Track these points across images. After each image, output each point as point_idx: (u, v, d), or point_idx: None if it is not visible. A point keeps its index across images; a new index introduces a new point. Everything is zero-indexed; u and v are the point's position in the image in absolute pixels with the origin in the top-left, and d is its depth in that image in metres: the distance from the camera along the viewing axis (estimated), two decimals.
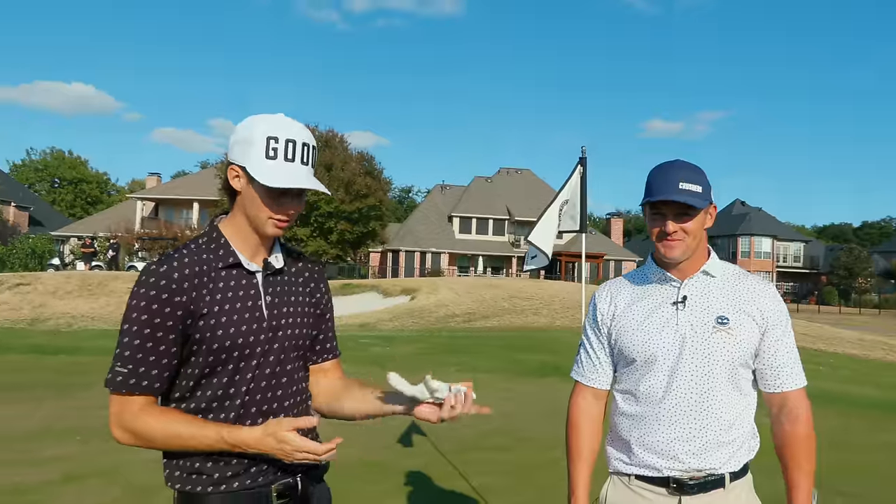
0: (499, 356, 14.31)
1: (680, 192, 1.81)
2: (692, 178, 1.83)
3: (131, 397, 1.54)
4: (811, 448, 1.87)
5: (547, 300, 24.65)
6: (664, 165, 1.89)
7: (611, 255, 54.74)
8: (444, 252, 53.46)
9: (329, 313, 1.87)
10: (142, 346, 1.53)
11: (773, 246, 64.31)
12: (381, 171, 45.47)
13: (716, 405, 1.84)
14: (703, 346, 1.84)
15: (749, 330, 1.85)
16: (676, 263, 1.90)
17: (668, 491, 1.86)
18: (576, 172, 4.51)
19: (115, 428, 1.57)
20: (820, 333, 20.45)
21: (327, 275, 1.93)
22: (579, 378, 2.09)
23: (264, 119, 1.62)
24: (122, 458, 5.77)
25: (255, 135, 1.60)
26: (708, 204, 1.86)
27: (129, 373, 1.53)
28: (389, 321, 21.45)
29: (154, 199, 53.60)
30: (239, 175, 1.63)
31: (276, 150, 1.58)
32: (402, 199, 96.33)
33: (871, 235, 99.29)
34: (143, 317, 1.53)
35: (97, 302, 21.25)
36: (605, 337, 2.02)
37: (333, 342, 1.89)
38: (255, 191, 1.61)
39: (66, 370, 11.03)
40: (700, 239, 1.88)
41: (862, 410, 9.74)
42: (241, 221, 1.66)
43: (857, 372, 14.47)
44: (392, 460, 5.93)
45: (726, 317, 1.85)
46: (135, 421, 1.54)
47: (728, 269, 1.96)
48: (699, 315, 1.87)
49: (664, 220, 1.84)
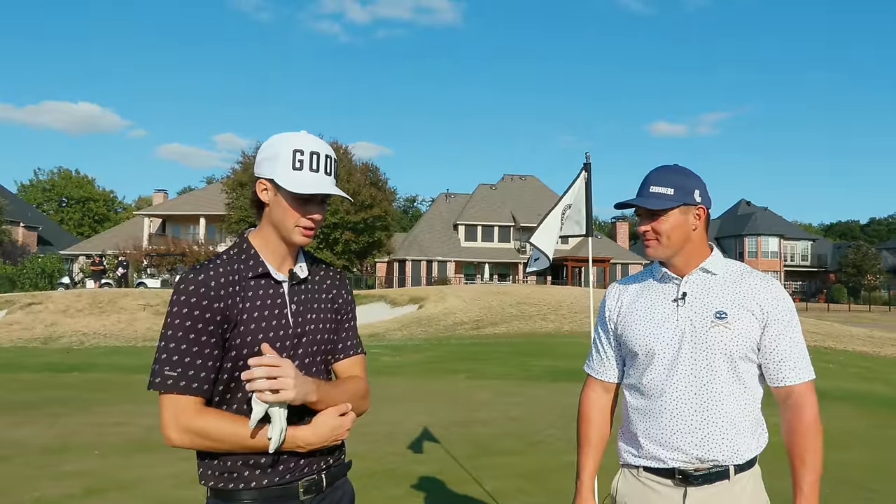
0: (508, 362, 14.36)
1: (646, 197, 1.97)
2: (664, 181, 1.96)
3: (187, 398, 1.61)
4: (816, 442, 1.89)
5: (554, 305, 24.69)
6: (651, 172, 2.03)
7: (617, 259, 54.68)
8: (450, 260, 53.52)
9: (349, 314, 1.97)
10: (188, 349, 1.61)
11: (780, 245, 64.08)
12: (385, 181, 45.66)
13: (716, 398, 1.91)
14: (701, 341, 1.92)
15: (748, 324, 1.91)
16: (671, 261, 2.01)
17: (674, 482, 1.93)
18: (580, 177, 4.59)
19: (171, 430, 1.61)
20: (829, 331, 20.41)
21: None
22: (590, 371, 2.22)
23: (290, 136, 1.75)
24: (142, 472, 5.87)
25: (281, 150, 1.73)
26: (679, 205, 1.94)
27: (179, 375, 1.60)
28: (398, 330, 21.52)
29: (161, 216, 53.89)
30: (267, 188, 1.75)
31: (301, 161, 1.72)
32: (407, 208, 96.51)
33: (879, 232, 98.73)
34: (187, 322, 1.61)
35: (108, 319, 21.42)
36: (612, 332, 2.13)
37: (352, 341, 1.97)
38: (283, 200, 1.73)
39: (81, 387, 11.16)
40: (682, 239, 1.97)
41: (872, 408, 9.74)
42: (269, 233, 1.78)
43: (868, 369, 14.44)
44: (405, 466, 5.99)
45: (724, 311, 1.92)
46: (195, 420, 1.60)
47: (731, 267, 2.03)
48: (698, 310, 1.95)
49: (640, 221, 2.02)
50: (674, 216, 1.96)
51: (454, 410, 8.90)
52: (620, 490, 2.06)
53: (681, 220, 1.96)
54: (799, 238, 68.50)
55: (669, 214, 1.95)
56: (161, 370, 1.61)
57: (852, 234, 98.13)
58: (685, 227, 1.96)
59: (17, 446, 6.81)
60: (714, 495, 1.90)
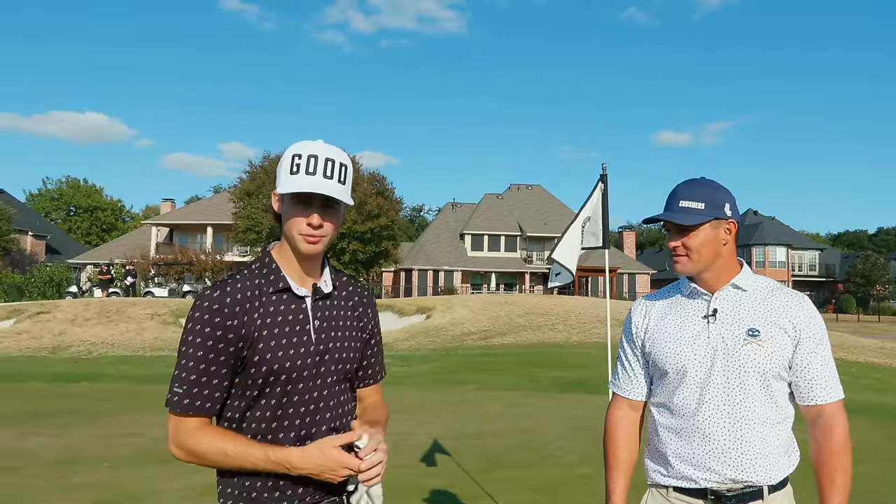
0: (517, 373, 14.30)
1: (676, 211, 1.93)
2: (694, 196, 1.93)
3: (187, 417, 1.63)
4: (846, 462, 1.86)
5: (563, 316, 24.60)
6: (679, 184, 2.00)
7: (624, 269, 54.52)
8: (457, 270, 53.47)
9: (376, 338, 1.94)
10: (196, 367, 1.62)
11: (787, 255, 63.79)
12: (392, 190, 45.72)
13: (750, 417, 1.87)
14: (734, 359, 1.88)
15: (781, 342, 1.88)
16: (701, 277, 1.97)
17: (706, 503, 1.90)
18: (597, 189, 4.57)
19: (172, 445, 1.65)
20: (840, 342, 20.25)
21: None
22: (616, 389, 2.16)
23: (296, 143, 1.74)
24: (152, 484, 5.84)
25: (284, 158, 1.72)
26: (710, 219, 1.91)
27: (184, 393, 1.62)
28: (406, 340, 21.48)
29: (168, 225, 54.09)
30: (279, 200, 1.74)
31: (298, 165, 1.68)
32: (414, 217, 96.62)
33: (888, 242, 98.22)
34: (198, 340, 1.61)
35: (116, 328, 21.45)
36: (639, 349, 2.08)
37: (377, 367, 1.94)
38: (286, 208, 1.71)
39: (89, 397, 11.16)
40: (712, 254, 1.93)
41: (885, 420, 9.64)
42: (286, 246, 1.76)
43: (880, 381, 14.32)
44: (416, 480, 5.94)
45: (757, 329, 1.88)
46: (189, 439, 1.63)
47: (760, 283, 2.00)
48: (730, 327, 1.91)
49: (670, 236, 1.97)
50: (704, 231, 1.92)
51: (464, 422, 8.84)
52: None
53: (712, 235, 1.93)
54: (807, 248, 68.21)
55: (700, 229, 1.92)
56: (172, 387, 1.64)
57: (860, 243, 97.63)
58: (716, 242, 1.93)
59: (26, 457, 6.79)
60: None
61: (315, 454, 1.58)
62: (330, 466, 1.57)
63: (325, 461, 1.57)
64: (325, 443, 1.60)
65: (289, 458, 1.58)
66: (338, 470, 1.58)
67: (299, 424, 1.68)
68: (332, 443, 1.59)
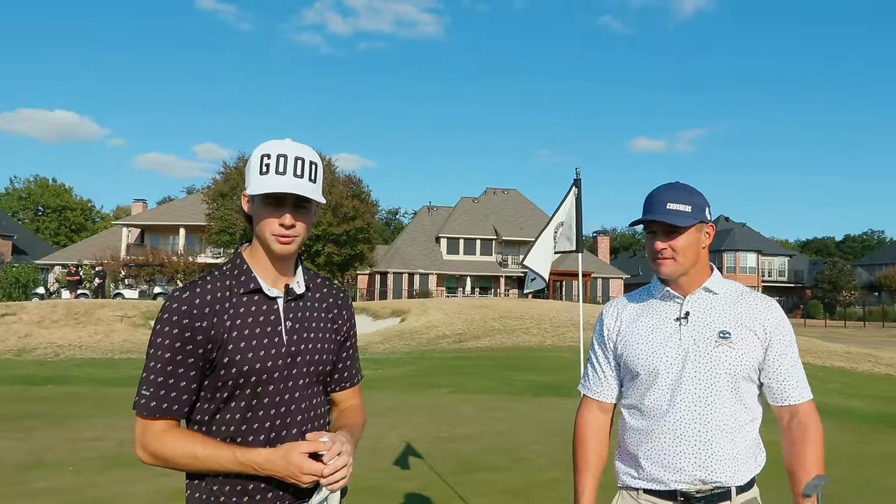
0: (491, 376, 14.32)
1: (665, 213, 1.92)
2: (680, 199, 1.94)
3: (154, 420, 1.61)
4: (819, 455, 1.89)
5: (537, 319, 24.70)
6: (658, 188, 2.01)
7: (598, 273, 54.96)
8: (433, 273, 53.46)
9: (351, 340, 1.91)
10: (164, 370, 1.59)
11: (758, 261, 64.86)
12: (368, 193, 45.58)
13: (719, 418, 1.89)
14: (705, 360, 1.90)
15: (751, 344, 1.91)
16: (676, 280, 1.98)
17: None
18: (570, 194, 4.59)
19: (138, 449, 1.63)
20: (808, 347, 20.62)
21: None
22: (586, 391, 2.16)
23: (265, 143, 1.71)
24: (118, 489, 5.73)
25: (253, 158, 1.70)
26: (697, 222, 1.95)
27: (151, 396, 1.59)
28: (380, 343, 21.40)
29: (140, 226, 53.31)
30: (249, 201, 1.72)
31: (268, 165, 1.65)
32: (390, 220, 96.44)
33: (854, 248, 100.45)
34: (167, 342, 1.59)
35: (84, 331, 21.04)
36: (610, 352, 2.09)
37: (353, 370, 1.92)
38: (255, 207, 1.69)
39: (55, 400, 10.92)
40: (695, 257, 1.96)
41: (852, 423, 9.83)
42: (258, 247, 1.73)
43: (846, 385, 14.60)
44: (389, 483, 5.91)
45: (728, 331, 1.91)
46: (155, 443, 1.60)
47: (731, 287, 2.03)
48: (701, 330, 1.93)
49: (654, 238, 1.96)
50: (690, 234, 1.95)
51: (438, 425, 8.82)
52: None
53: (695, 238, 1.96)
54: (776, 254, 69.46)
55: (687, 232, 1.94)
56: (140, 391, 1.62)
57: (828, 250, 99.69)
58: (698, 245, 1.96)
59: None
60: None
61: (279, 459, 1.56)
62: (292, 472, 1.56)
63: (288, 466, 1.56)
64: (291, 448, 1.58)
65: (255, 460, 1.57)
66: (300, 476, 1.56)
67: (269, 427, 1.66)
68: (298, 448, 1.57)
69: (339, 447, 1.59)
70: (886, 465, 7.09)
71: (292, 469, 1.55)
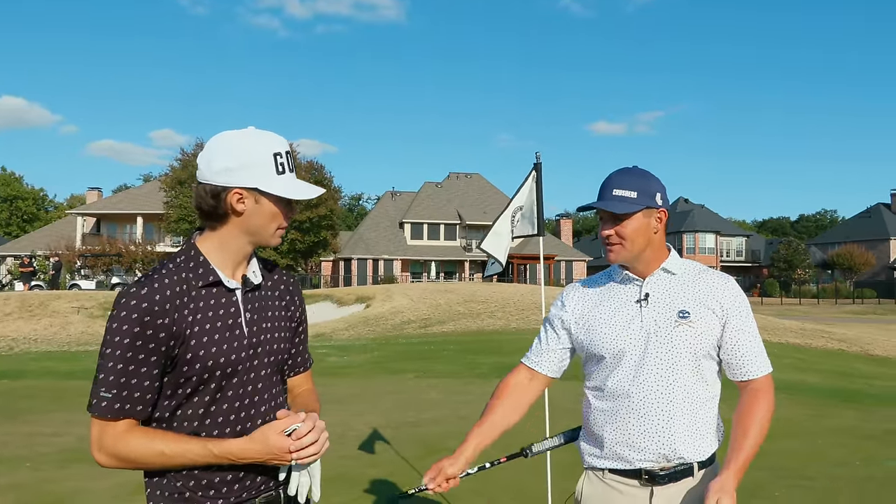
0: (456, 360, 14.38)
1: (610, 199, 1.95)
2: (628, 185, 1.95)
3: (115, 421, 1.54)
4: (764, 421, 1.90)
5: (501, 303, 24.85)
6: (612, 174, 2.02)
7: (561, 256, 55.53)
8: (397, 258, 53.36)
9: (303, 325, 1.90)
10: (125, 369, 1.52)
11: (716, 241, 66.30)
12: (330, 179, 45.15)
13: (681, 396, 1.92)
14: (666, 340, 1.93)
15: (710, 322, 1.94)
16: (630, 265, 2.00)
17: (641, 482, 1.94)
18: (530, 178, 4.60)
19: (96, 452, 1.56)
20: (765, 324, 21.18)
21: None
22: (523, 360, 2.18)
23: (254, 137, 1.64)
24: (77, 484, 5.61)
25: (260, 156, 1.62)
26: (642, 208, 1.94)
27: (113, 397, 1.52)
28: (345, 330, 21.31)
29: (95, 215, 52.00)
30: (244, 197, 1.62)
31: (283, 164, 1.65)
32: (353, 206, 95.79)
33: (808, 228, 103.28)
34: (126, 340, 1.52)
35: (39, 323, 20.48)
36: (564, 332, 2.10)
37: (305, 354, 1.91)
38: (269, 206, 1.64)
39: (9, 395, 10.62)
40: (644, 242, 1.97)
41: (807, 397, 10.15)
42: (231, 239, 1.66)
43: (801, 360, 15.05)
44: (356, 470, 5.91)
45: (687, 311, 1.94)
46: (117, 444, 1.54)
47: (688, 266, 2.05)
48: (662, 310, 1.96)
49: (603, 225, 1.99)
50: (637, 219, 1.95)
51: (403, 410, 8.84)
52: (585, 493, 2.05)
53: (643, 224, 1.96)
54: (734, 234, 71.05)
55: (633, 218, 1.95)
56: (97, 391, 1.53)
57: (783, 230, 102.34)
58: (647, 230, 1.97)
59: None
60: (679, 493, 1.92)
61: (257, 443, 1.55)
62: (273, 453, 1.55)
63: (269, 448, 1.54)
64: (267, 429, 1.56)
65: (231, 450, 1.55)
66: (282, 455, 1.56)
67: (234, 420, 1.63)
68: (274, 429, 1.56)
69: (311, 422, 1.59)
70: (839, 437, 7.35)
71: (273, 451, 1.54)
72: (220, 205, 1.62)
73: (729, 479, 1.77)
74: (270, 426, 1.57)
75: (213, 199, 1.62)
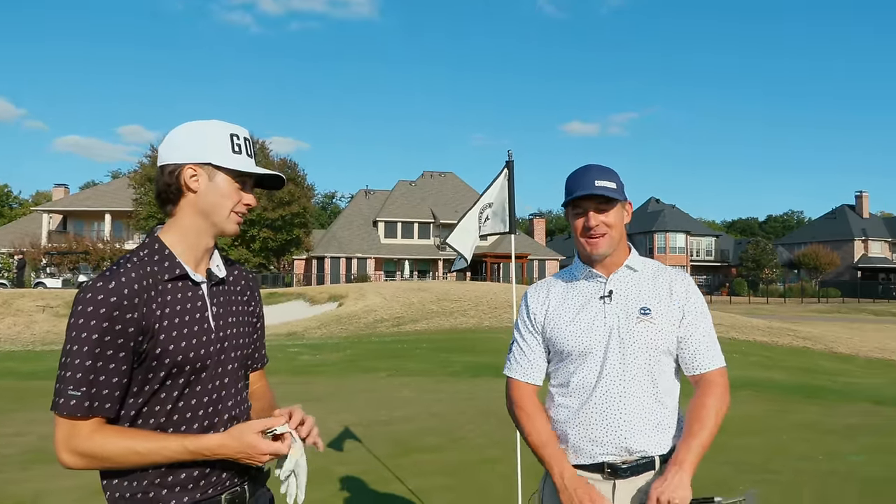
0: (429, 359, 14.38)
1: (597, 188, 1.96)
2: (606, 177, 1.99)
3: (83, 421, 1.49)
4: (716, 415, 1.90)
5: (474, 301, 24.92)
6: (579, 169, 2.04)
7: (535, 255, 55.81)
8: (370, 257, 53.16)
9: (261, 321, 1.89)
10: (93, 365, 1.47)
11: (686, 241, 67.19)
12: (303, 177, 44.85)
13: (642, 391, 1.95)
14: (629, 337, 1.96)
15: (669, 319, 1.98)
16: (602, 259, 2.02)
17: (604, 476, 1.96)
18: (501, 175, 4.62)
19: (63, 452, 1.50)
20: (733, 323, 21.54)
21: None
22: (515, 375, 2.12)
23: (213, 122, 1.66)
24: (41, 485, 5.50)
25: (214, 134, 1.64)
26: (624, 200, 2.01)
27: (82, 396, 1.47)
28: (317, 329, 21.19)
29: (62, 212, 50.94)
30: (198, 174, 1.62)
31: (239, 146, 1.65)
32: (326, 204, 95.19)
33: (776, 228, 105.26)
34: (94, 336, 1.47)
35: (2, 322, 20.03)
36: (538, 334, 2.10)
37: (263, 350, 1.90)
38: (221, 184, 1.63)
39: None
40: (622, 233, 2.02)
41: (771, 393, 10.34)
42: (188, 227, 1.64)
43: (768, 358, 15.34)
44: (327, 467, 5.87)
45: (648, 307, 1.98)
46: (87, 444, 1.49)
47: (648, 264, 2.10)
48: (624, 307, 1.99)
49: (586, 215, 1.98)
50: (617, 210, 2.00)
51: (376, 409, 8.82)
52: (548, 488, 2.06)
53: (621, 216, 2.02)
54: (704, 234, 72.02)
55: (616, 208, 1.99)
56: (64, 390, 1.47)
57: (751, 230, 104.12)
58: (623, 221, 2.03)
59: None
60: (642, 486, 1.94)
61: (234, 440, 1.54)
62: (247, 452, 1.54)
63: (244, 448, 1.53)
64: (245, 429, 1.55)
65: (208, 446, 1.53)
66: (257, 457, 1.55)
67: (202, 416, 1.60)
68: (252, 429, 1.55)
69: (299, 414, 1.63)
70: (802, 432, 7.49)
71: (248, 450, 1.53)
72: (174, 182, 1.61)
73: (683, 476, 1.80)
74: (249, 425, 1.56)
75: (168, 177, 1.62)
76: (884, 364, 15.59)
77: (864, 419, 8.41)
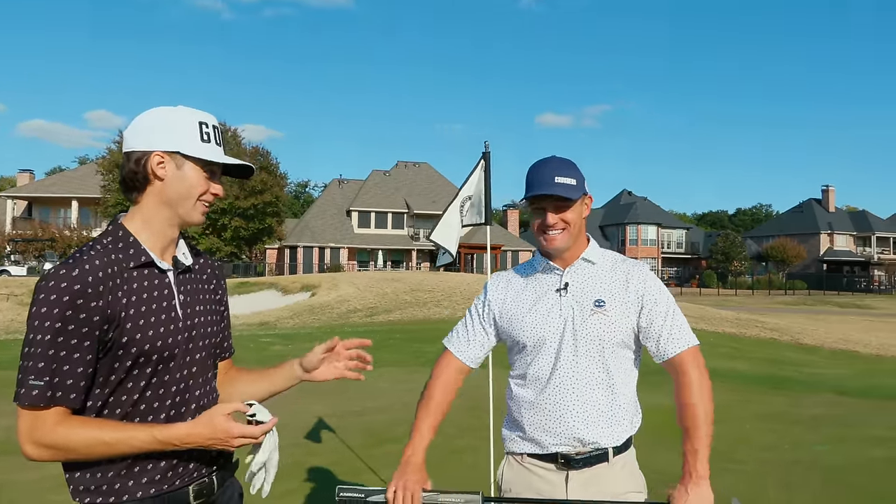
0: (402, 349, 14.39)
1: (556, 186, 1.95)
2: (566, 172, 1.97)
3: (47, 411, 1.45)
4: (703, 398, 1.91)
5: (448, 292, 24.96)
6: (539, 163, 2.03)
7: (508, 246, 56.02)
8: (343, 247, 52.90)
9: (227, 310, 1.88)
10: (56, 354, 1.44)
11: (658, 233, 67.96)
12: (276, 165, 44.40)
13: (595, 383, 1.97)
14: (582, 329, 1.97)
15: (624, 311, 1.97)
16: (560, 253, 2.03)
17: (557, 466, 1.98)
18: (479, 167, 4.62)
19: (27, 444, 1.47)
20: (702, 314, 21.87)
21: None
22: (450, 347, 2.17)
23: (181, 108, 1.63)
24: (5, 477, 5.40)
25: (183, 122, 1.61)
26: (583, 195, 2.01)
27: (45, 385, 1.43)
28: (290, 319, 21.06)
29: (26, 198, 49.82)
30: (165, 161, 1.59)
31: (208, 134, 1.63)
32: (299, 193, 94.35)
33: (745, 221, 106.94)
34: (57, 324, 1.43)
35: None
36: (488, 321, 2.12)
37: (230, 339, 1.89)
38: (189, 172, 1.60)
39: None
40: (580, 228, 2.03)
41: (736, 384, 10.54)
42: (154, 215, 1.61)
43: (735, 349, 15.61)
44: (301, 459, 5.86)
45: (603, 300, 1.98)
46: (51, 435, 1.45)
47: (607, 256, 2.10)
48: (579, 299, 2.00)
49: (544, 213, 1.98)
50: (577, 206, 2.01)
51: (349, 399, 8.81)
52: (506, 477, 2.10)
53: (580, 210, 2.03)
54: (675, 227, 72.91)
55: (576, 204, 2.00)
56: (25, 380, 1.43)
57: (721, 223, 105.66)
58: (582, 216, 2.04)
59: None
60: (594, 477, 1.97)
61: (203, 426, 1.51)
62: (218, 437, 1.51)
63: (215, 433, 1.51)
64: (214, 414, 1.52)
65: (177, 435, 1.51)
66: (230, 441, 1.53)
67: (169, 406, 1.58)
68: (220, 411, 1.53)
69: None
70: (767, 422, 7.67)
71: (220, 435, 1.51)
72: (140, 170, 1.58)
73: (702, 487, 1.83)
74: (217, 409, 1.54)
75: (135, 165, 1.59)
76: (847, 355, 15.98)
77: (828, 409, 8.63)
